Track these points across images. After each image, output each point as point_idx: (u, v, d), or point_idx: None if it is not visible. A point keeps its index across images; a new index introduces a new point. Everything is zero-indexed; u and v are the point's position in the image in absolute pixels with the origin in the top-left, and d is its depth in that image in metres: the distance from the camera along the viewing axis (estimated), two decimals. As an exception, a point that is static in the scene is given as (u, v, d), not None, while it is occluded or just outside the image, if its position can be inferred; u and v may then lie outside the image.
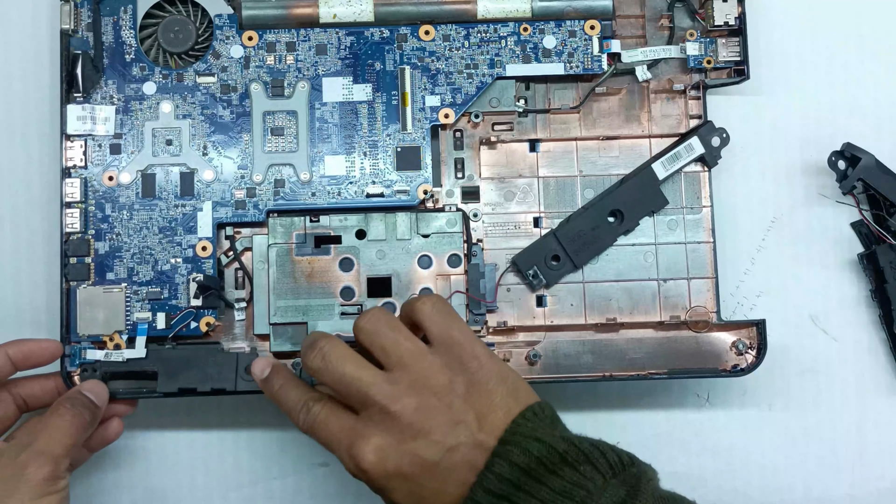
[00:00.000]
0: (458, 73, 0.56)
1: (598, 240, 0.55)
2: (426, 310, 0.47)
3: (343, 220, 0.55)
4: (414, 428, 0.44)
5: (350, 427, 0.45)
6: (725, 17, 0.56)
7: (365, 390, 0.45)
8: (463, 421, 0.44)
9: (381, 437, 0.44)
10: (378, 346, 0.46)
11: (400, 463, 0.44)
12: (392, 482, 0.44)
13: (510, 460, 0.42)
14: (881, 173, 0.56)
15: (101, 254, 0.55)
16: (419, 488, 0.44)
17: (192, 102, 0.56)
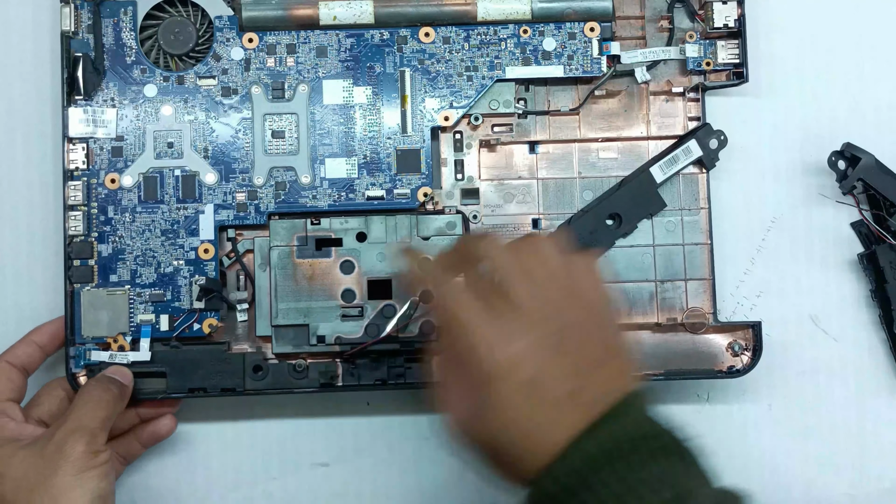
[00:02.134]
0: (457, 76, 0.56)
1: (597, 243, 0.55)
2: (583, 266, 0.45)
3: (344, 223, 0.55)
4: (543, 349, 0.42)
5: (491, 328, 0.43)
6: (725, 19, 0.56)
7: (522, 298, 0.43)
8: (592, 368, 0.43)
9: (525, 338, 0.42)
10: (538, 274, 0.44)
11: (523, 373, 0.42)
12: (514, 392, 0.42)
13: (624, 427, 0.41)
14: (881, 173, 0.56)
15: (105, 256, 0.55)
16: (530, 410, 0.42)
17: (192, 105, 0.56)
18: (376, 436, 0.58)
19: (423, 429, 0.58)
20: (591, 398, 0.42)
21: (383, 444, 0.58)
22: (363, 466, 0.58)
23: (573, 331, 0.43)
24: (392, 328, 0.54)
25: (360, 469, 0.58)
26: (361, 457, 0.58)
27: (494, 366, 0.42)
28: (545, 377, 0.42)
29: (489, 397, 0.42)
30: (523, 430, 0.42)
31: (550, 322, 0.43)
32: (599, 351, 0.44)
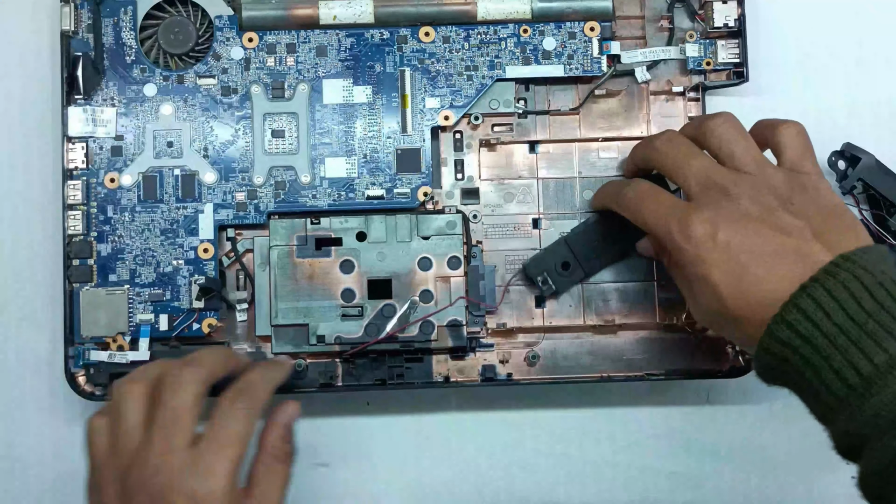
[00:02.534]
0: (458, 75, 0.56)
1: (609, 249, 0.55)
2: (791, 132, 0.48)
3: (343, 222, 0.55)
4: (751, 214, 0.44)
5: (682, 203, 0.46)
6: (725, 19, 0.55)
7: (706, 172, 0.46)
8: (798, 227, 0.44)
9: (714, 212, 0.45)
10: (727, 149, 0.47)
11: (730, 237, 0.44)
12: (717, 254, 0.44)
13: (842, 281, 0.41)
14: (881, 173, 0.56)
15: (104, 256, 0.55)
16: (741, 269, 0.43)
17: (192, 104, 0.56)
18: (376, 435, 0.58)
19: (424, 429, 0.58)
20: (804, 253, 0.43)
21: (383, 444, 0.58)
22: (363, 466, 0.58)
23: (767, 191, 0.45)
24: (392, 328, 0.54)
25: (360, 469, 0.58)
26: (361, 457, 0.58)
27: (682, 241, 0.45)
28: (742, 238, 0.44)
29: (695, 272, 0.44)
30: (737, 296, 0.43)
31: (737, 187, 0.45)
32: (809, 206, 0.45)
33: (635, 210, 0.49)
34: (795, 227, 0.44)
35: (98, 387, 0.55)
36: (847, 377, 0.40)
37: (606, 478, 0.58)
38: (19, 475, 0.58)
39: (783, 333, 0.42)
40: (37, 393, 0.58)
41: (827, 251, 0.43)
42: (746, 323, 0.43)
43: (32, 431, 0.58)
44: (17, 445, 0.58)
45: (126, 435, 0.45)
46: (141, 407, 0.45)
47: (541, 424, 0.58)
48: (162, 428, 0.44)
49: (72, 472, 0.58)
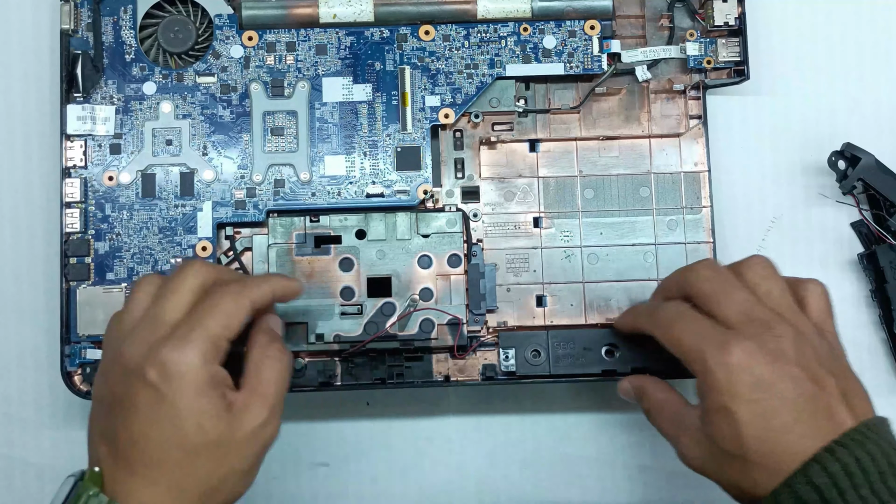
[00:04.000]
0: (458, 73, 0.56)
1: (583, 363, 0.54)
2: (817, 291, 0.47)
3: (343, 220, 0.55)
4: (790, 357, 0.43)
5: (722, 329, 0.44)
6: (725, 18, 0.56)
7: (750, 304, 0.45)
8: (831, 384, 0.43)
9: (756, 345, 0.43)
10: (765, 287, 0.46)
11: (766, 374, 0.42)
12: (748, 390, 0.42)
13: (870, 453, 0.41)
14: (881, 173, 0.56)
15: (101, 254, 0.55)
16: (771, 411, 0.42)
17: (191, 102, 0.56)
18: (376, 435, 0.58)
19: (424, 429, 0.58)
20: (832, 411, 0.42)
21: (383, 444, 0.58)
22: (363, 466, 0.57)
23: (805, 340, 0.44)
24: (391, 326, 0.54)
25: (360, 469, 0.57)
26: (361, 457, 0.58)
27: (716, 368, 0.43)
28: (779, 380, 0.42)
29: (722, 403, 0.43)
30: (760, 438, 0.42)
31: (780, 327, 0.44)
32: (835, 365, 0.44)
33: (668, 328, 0.46)
34: (828, 382, 0.43)
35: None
36: None
37: (606, 478, 0.58)
38: (18, 474, 0.58)
39: (806, 493, 0.40)
40: (33, 391, 0.58)
41: (851, 415, 0.42)
42: (758, 468, 0.42)
43: (29, 429, 0.58)
44: (14, 444, 0.58)
45: (128, 316, 0.45)
46: (151, 290, 0.45)
47: (541, 424, 0.58)
48: (154, 303, 0.44)
49: (69, 470, 0.57)
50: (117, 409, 0.43)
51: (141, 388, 0.42)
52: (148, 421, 0.42)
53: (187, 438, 0.42)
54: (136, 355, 0.43)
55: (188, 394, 0.42)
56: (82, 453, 0.57)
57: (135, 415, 0.42)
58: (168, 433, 0.42)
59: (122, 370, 0.43)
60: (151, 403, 0.42)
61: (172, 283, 0.45)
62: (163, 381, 0.42)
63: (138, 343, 0.43)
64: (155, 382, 0.42)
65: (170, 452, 0.42)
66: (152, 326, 0.43)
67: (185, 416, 0.42)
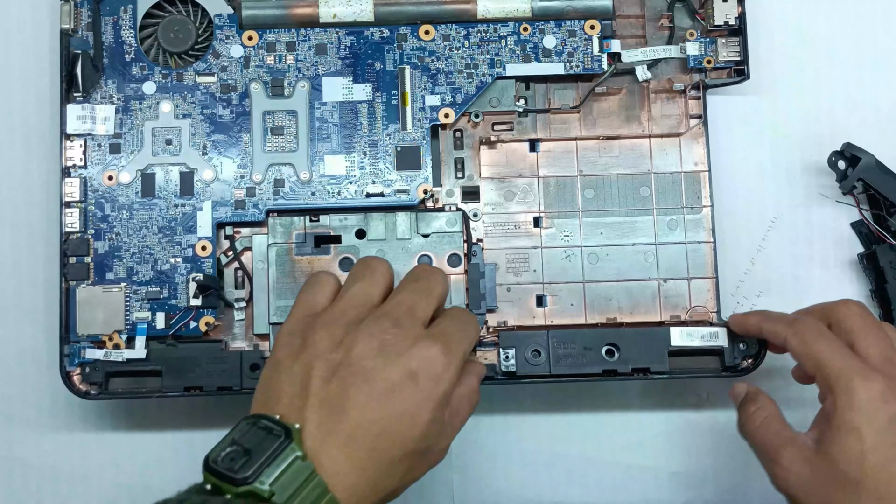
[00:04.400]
0: (458, 73, 0.56)
1: (584, 363, 0.54)
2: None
3: (343, 220, 0.55)
4: None
5: (864, 362, 0.45)
6: (725, 17, 0.56)
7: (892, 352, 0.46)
8: None
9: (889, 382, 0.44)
10: (864, 343, 0.47)
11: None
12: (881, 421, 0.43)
13: None
14: (881, 173, 0.56)
15: (101, 253, 0.55)
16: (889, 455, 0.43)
17: (191, 102, 0.56)
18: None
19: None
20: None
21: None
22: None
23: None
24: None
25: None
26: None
27: (867, 394, 0.44)
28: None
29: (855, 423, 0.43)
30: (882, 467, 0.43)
31: None
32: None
33: (811, 343, 0.47)
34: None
35: (93, 385, 0.54)
36: None
37: (606, 478, 0.58)
38: (18, 474, 0.57)
39: None
40: (36, 391, 0.58)
41: None
42: (869, 497, 0.43)
43: (29, 430, 0.58)
44: (13, 444, 0.58)
45: (364, 293, 0.45)
46: (382, 280, 0.46)
47: (541, 424, 0.58)
48: (412, 295, 0.45)
49: (71, 471, 0.57)
50: (361, 381, 0.41)
51: (399, 374, 0.41)
52: (392, 408, 0.41)
53: (414, 438, 0.41)
54: (398, 340, 0.42)
55: (437, 399, 0.42)
56: (82, 453, 0.57)
57: (382, 397, 0.41)
58: (404, 426, 0.41)
59: (378, 345, 0.42)
60: (404, 394, 0.41)
61: (426, 283, 0.46)
62: (426, 377, 0.41)
63: (401, 327, 0.43)
64: (417, 374, 0.41)
65: (391, 448, 0.41)
66: (411, 320, 0.43)
67: (426, 417, 0.41)
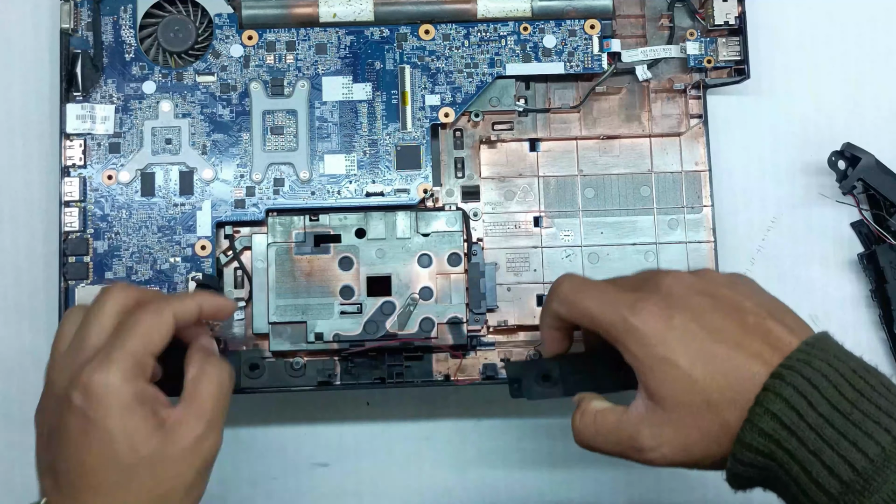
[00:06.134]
0: (458, 73, 0.56)
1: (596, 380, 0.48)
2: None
3: (343, 219, 0.55)
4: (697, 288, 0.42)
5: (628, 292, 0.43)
6: (725, 17, 0.56)
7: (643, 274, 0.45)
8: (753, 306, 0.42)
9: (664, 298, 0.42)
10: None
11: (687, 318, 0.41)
12: (678, 335, 0.41)
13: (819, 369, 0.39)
14: (881, 173, 0.56)
15: (100, 253, 0.55)
16: (709, 347, 0.40)
17: (191, 101, 0.56)
18: (376, 436, 0.57)
19: (424, 429, 0.58)
20: (769, 334, 0.40)
21: (383, 444, 0.57)
22: (363, 467, 0.57)
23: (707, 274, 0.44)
24: (391, 325, 0.54)
25: (360, 469, 0.57)
26: (361, 457, 0.57)
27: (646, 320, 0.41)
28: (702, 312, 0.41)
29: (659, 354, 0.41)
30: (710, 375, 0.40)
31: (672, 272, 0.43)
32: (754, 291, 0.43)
33: (574, 300, 0.44)
34: (749, 306, 0.42)
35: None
36: (840, 473, 0.37)
37: (606, 478, 0.58)
38: (18, 474, 0.57)
39: (766, 425, 0.39)
40: (33, 391, 0.57)
41: (791, 334, 0.41)
42: (725, 409, 0.40)
43: (29, 430, 0.57)
44: (13, 444, 0.57)
45: (56, 349, 0.45)
46: (76, 320, 0.45)
47: (541, 424, 0.58)
48: (78, 332, 0.44)
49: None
50: (54, 439, 0.42)
51: (69, 415, 0.41)
52: (80, 446, 0.41)
53: (121, 459, 0.41)
54: (61, 382, 0.42)
55: (114, 413, 0.41)
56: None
57: (68, 442, 0.41)
58: (101, 456, 0.41)
59: (53, 400, 0.43)
60: (81, 428, 0.41)
61: (94, 309, 0.44)
62: (88, 403, 0.41)
63: (64, 370, 0.43)
64: (81, 406, 0.41)
65: (107, 475, 0.41)
66: (76, 353, 0.43)
67: (115, 436, 0.41)
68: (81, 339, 0.43)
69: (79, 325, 0.45)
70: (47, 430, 0.43)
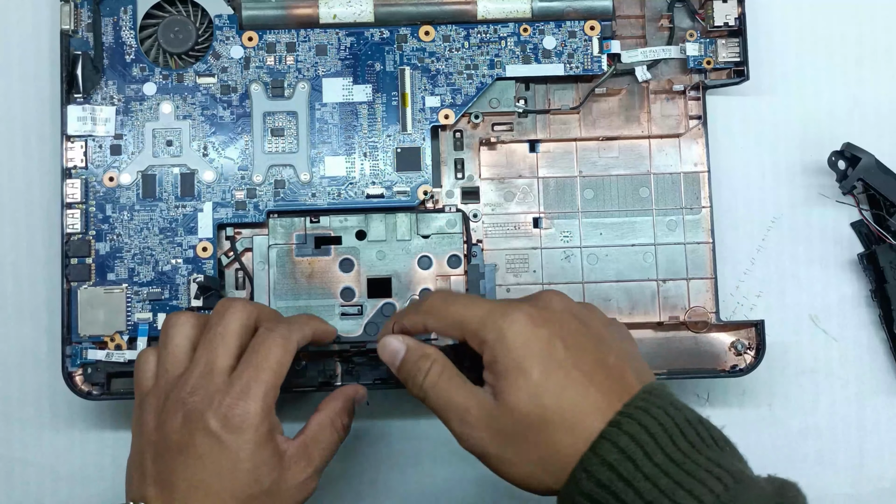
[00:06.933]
0: (457, 74, 0.56)
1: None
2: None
3: (343, 221, 0.55)
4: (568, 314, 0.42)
5: (497, 300, 0.44)
6: (725, 18, 0.56)
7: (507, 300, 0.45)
8: (616, 342, 0.43)
9: (536, 308, 0.42)
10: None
11: (551, 332, 0.41)
12: (539, 347, 0.41)
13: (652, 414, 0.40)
14: (881, 173, 0.56)
15: (102, 254, 0.55)
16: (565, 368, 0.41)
17: (192, 103, 0.56)
18: (376, 436, 0.58)
19: (423, 428, 0.58)
20: (621, 372, 0.41)
21: (383, 443, 0.58)
22: (363, 466, 0.58)
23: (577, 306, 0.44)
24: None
25: (360, 469, 0.58)
26: (361, 457, 0.58)
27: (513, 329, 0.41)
28: (567, 335, 0.41)
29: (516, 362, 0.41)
30: (557, 394, 0.40)
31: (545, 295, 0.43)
32: (614, 330, 0.44)
33: (443, 311, 0.45)
34: (616, 346, 0.43)
35: (95, 386, 0.54)
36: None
37: (607, 478, 0.58)
38: (18, 474, 0.58)
39: (603, 475, 0.39)
40: (36, 392, 0.58)
41: (636, 378, 0.42)
42: (559, 432, 0.40)
43: (30, 430, 0.58)
44: (14, 444, 0.58)
45: (171, 359, 0.46)
46: (189, 332, 0.46)
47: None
48: (204, 350, 0.45)
49: (71, 471, 0.58)
50: (176, 455, 0.43)
51: (203, 438, 0.43)
52: (208, 470, 0.43)
53: (244, 488, 0.43)
54: (197, 404, 0.43)
55: (249, 445, 0.43)
56: (81, 453, 0.58)
57: (195, 463, 0.43)
58: (227, 482, 0.43)
59: (182, 418, 0.43)
60: (214, 453, 0.43)
61: (218, 329, 0.46)
62: (226, 431, 0.43)
63: (198, 392, 0.44)
64: (217, 433, 0.43)
65: (225, 500, 0.43)
66: (209, 375, 0.44)
67: (245, 466, 0.43)
68: (210, 359, 0.45)
69: (194, 339, 0.46)
70: (165, 444, 0.44)
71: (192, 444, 0.43)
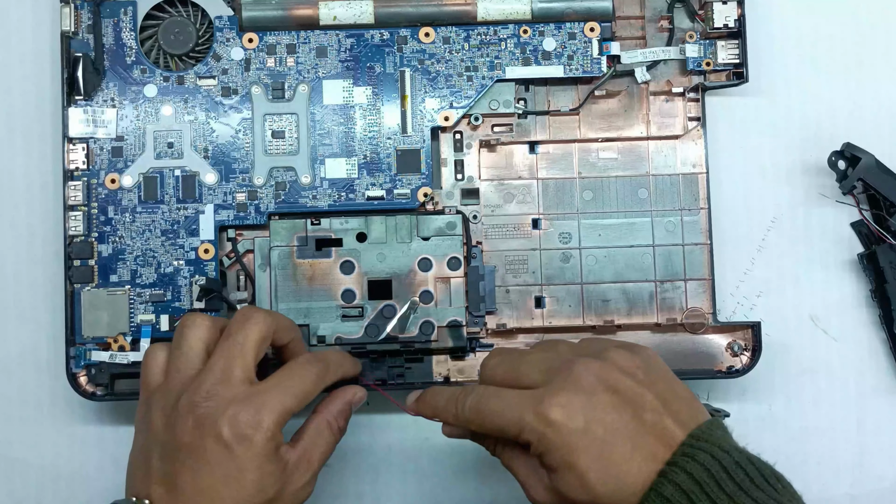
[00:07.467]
0: (457, 76, 0.56)
1: None
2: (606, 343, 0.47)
3: (344, 223, 0.55)
4: (598, 387, 0.42)
5: (529, 393, 0.43)
6: (725, 20, 0.55)
7: (546, 359, 0.44)
8: (650, 399, 0.42)
9: (567, 393, 0.42)
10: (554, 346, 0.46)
11: (588, 416, 0.41)
12: (578, 438, 0.41)
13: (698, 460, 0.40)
14: (881, 173, 0.56)
15: (105, 256, 0.55)
16: (607, 451, 0.41)
17: (192, 105, 0.56)
18: (376, 436, 0.58)
19: (423, 429, 0.58)
20: (660, 428, 0.41)
21: (383, 444, 0.58)
22: (363, 466, 0.58)
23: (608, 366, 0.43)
24: (392, 328, 0.54)
25: (360, 469, 0.58)
26: (361, 457, 0.58)
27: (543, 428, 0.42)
28: (602, 414, 0.42)
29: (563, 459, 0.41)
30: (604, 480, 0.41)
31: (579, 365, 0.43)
32: (649, 376, 0.43)
33: (479, 414, 0.44)
34: (650, 400, 0.42)
35: (99, 387, 0.55)
36: None
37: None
38: (19, 475, 0.58)
39: None
40: (38, 393, 0.58)
41: (679, 426, 0.41)
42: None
43: (33, 431, 0.58)
44: (17, 445, 0.58)
45: (183, 359, 0.46)
46: (203, 335, 0.47)
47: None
48: (222, 357, 0.45)
49: (72, 472, 0.58)
50: (184, 457, 0.44)
51: (213, 444, 0.43)
52: (215, 475, 0.43)
53: (248, 497, 0.44)
54: (210, 410, 0.44)
55: (258, 459, 0.44)
56: (82, 454, 0.58)
57: (203, 466, 0.43)
58: (233, 491, 0.43)
59: (193, 421, 0.44)
60: (222, 461, 0.43)
61: (238, 337, 0.46)
62: (237, 441, 0.43)
63: (212, 398, 0.44)
64: (228, 441, 0.43)
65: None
66: (225, 383, 0.45)
67: (251, 477, 0.44)
68: (228, 368, 0.45)
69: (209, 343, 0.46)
70: (174, 444, 0.44)
71: (202, 449, 0.43)
